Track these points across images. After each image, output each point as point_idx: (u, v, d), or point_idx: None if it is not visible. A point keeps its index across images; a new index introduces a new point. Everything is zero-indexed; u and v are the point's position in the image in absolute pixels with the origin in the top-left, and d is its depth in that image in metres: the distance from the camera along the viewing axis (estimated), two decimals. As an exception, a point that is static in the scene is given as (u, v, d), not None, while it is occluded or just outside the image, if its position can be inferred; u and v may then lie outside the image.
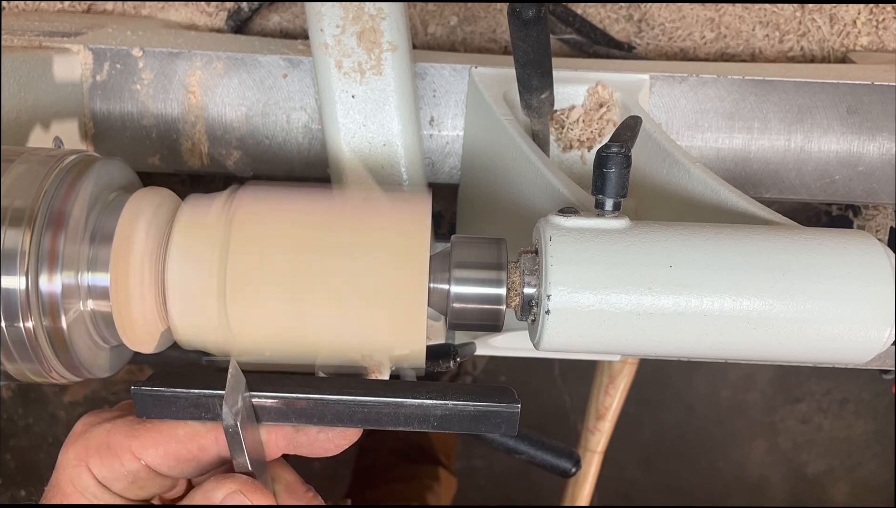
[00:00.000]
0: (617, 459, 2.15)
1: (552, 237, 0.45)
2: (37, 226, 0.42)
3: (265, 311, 0.45)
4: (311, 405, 0.47)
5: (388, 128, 0.66)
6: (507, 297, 0.46)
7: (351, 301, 0.44)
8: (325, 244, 0.45)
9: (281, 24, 0.95)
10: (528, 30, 0.55)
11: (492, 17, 0.94)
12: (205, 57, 0.75)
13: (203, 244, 0.45)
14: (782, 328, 0.44)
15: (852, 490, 2.19)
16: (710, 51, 0.95)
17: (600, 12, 0.95)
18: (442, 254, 0.47)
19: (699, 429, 2.08)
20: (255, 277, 0.44)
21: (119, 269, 0.44)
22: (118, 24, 0.83)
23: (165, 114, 0.76)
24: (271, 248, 0.45)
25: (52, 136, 0.68)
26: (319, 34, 0.63)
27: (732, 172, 0.78)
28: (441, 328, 0.71)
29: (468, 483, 2.13)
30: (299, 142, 0.77)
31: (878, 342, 0.45)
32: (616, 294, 0.44)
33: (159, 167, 0.78)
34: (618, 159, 0.46)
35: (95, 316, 0.46)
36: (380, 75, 0.64)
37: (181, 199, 0.49)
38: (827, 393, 2.13)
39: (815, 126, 0.77)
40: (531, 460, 0.81)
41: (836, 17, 0.93)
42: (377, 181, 0.67)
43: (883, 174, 0.77)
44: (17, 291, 0.42)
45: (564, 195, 0.55)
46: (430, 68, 0.76)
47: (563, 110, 0.73)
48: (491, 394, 0.47)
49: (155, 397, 0.47)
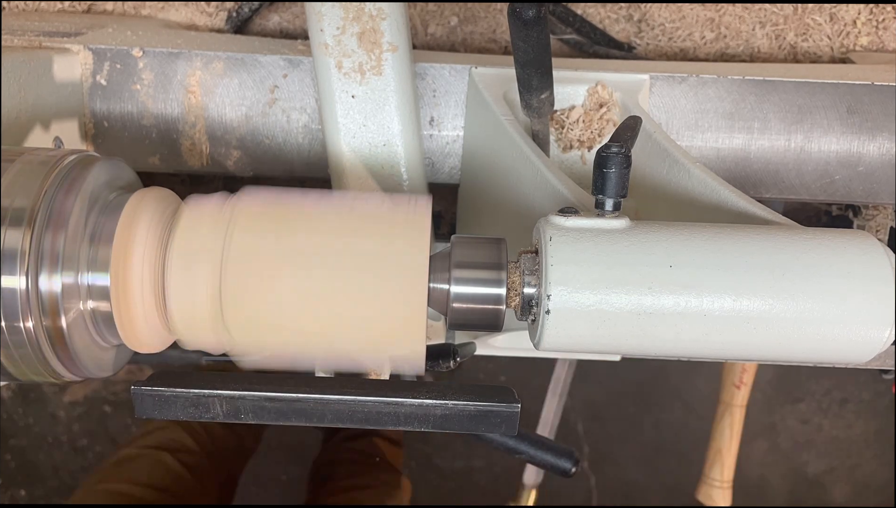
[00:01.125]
0: (617, 459, 2.15)
1: (552, 237, 0.45)
2: (37, 226, 0.42)
3: (264, 311, 0.45)
4: (312, 405, 0.47)
5: (388, 128, 0.66)
6: (507, 297, 0.46)
7: (351, 301, 0.44)
8: (324, 244, 0.45)
9: (281, 24, 0.95)
10: (528, 30, 0.55)
11: (492, 17, 0.94)
12: (205, 57, 0.75)
13: (203, 245, 0.45)
14: (782, 328, 0.44)
15: (852, 490, 2.19)
16: (710, 51, 0.95)
17: (600, 12, 0.95)
18: (442, 254, 0.47)
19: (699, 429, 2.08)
20: (255, 277, 0.44)
21: (119, 269, 0.44)
22: (118, 24, 0.83)
23: (165, 114, 0.76)
24: (271, 249, 0.45)
25: (52, 136, 0.68)
26: (319, 34, 0.63)
27: (732, 172, 0.78)
28: (441, 328, 0.71)
29: (468, 483, 2.13)
30: (299, 143, 0.77)
31: (878, 342, 0.45)
32: (616, 294, 0.44)
33: (159, 167, 0.78)
34: (618, 159, 0.46)
35: (95, 316, 0.46)
36: (380, 75, 0.64)
37: (181, 199, 0.49)
38: (827, 393, 2.13)
39: (815, 126, 0.77)
40: (531, 460, 0.80)
41: (836, 16, 0.93)
42: (377, 181, 0.67)
43: (883, 174, 0.77)
44: (17, 291, 0.42)
45: (564, 195, 0.55)
46: (430, 68, 0.76)
47: (563, 110, 0.73)
48: (491, 394, 0.47)
49: (155, 397, 0.47)
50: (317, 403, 0.47)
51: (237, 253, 0.44)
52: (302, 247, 0.45)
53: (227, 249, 0.45)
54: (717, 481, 1.43)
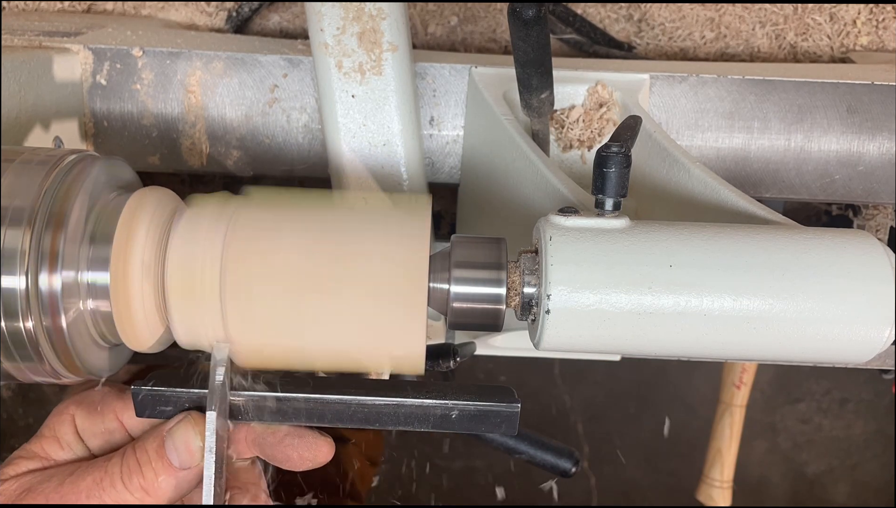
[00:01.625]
0: (617, 459, 2.15)
1: (552, 237, 0.45)
2: (37, 226, 0.42)
3: (264, 311, 0.45)
4: (311, 405, 0.47)
5: (388, 128, 0.66)
6: (507, 297, 0.46)
7: (351, 301, 0.44)
8: (324, 244, 0.45)
9: (281, 24, 0.95)
10: (528, 30, 0.55)
11: (492, 17, 0.94)
12: (205, 57, 0.75)
13: (204, 245, 0.45)
14: (782, 328, 0.44)
15: (852, 490, 2.19)
16: (710, 51, 0.95)
17: (600, 12, 0.95)
18: (442, 253, 0.47)
19: (699, 429, 2.08)
20: (255, 278, 0.44)
21: (119, 269, 0.44)
22: (118, 24, 0.83)
23: (165, 114, 0.76)
24: (271, 249, 0.45)
25: (52, 136, 0.68)
26: (319, 34, 0.63)
27: (732, 172, 0.78)
28: (441, 328, 0.72)
29: (468, 483, 2.13)
30: (299, 143, 0.77)
31: (878, 342, 0.45)
32: (616, 293, 0.44)
33: (159, 167, 0.78)
34: (618, 159, 0.46)
35: (95, 316, 0.46)
36: (380, 75, 0.64)
37: (181, 199, 0.49)
38: (827, 393, 2.13)
39: (815, 126, 0.77)
40: (531, 460, 0.81)
41: (835, 16, 0.93)
42: (377, 181, 0.67)
43: (883, 174, 0.77)
44: (17, 291, 0.42)
45: (564, 195, 0.55)
46: (430, 68, 0.76)
47: (563, 110, 0.73)
48: (491, 394, 0.47)
49: (154, 396, 0.47)
50: (317, 403, 0.47)
51: (237, 252, 0.44)
52: (302, 247, 0.45)
53: (227, 249, 0.45)
54: (717, 481, 1.44)
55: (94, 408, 0.49)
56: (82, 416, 0.49)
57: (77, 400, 0.49)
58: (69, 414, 0.49)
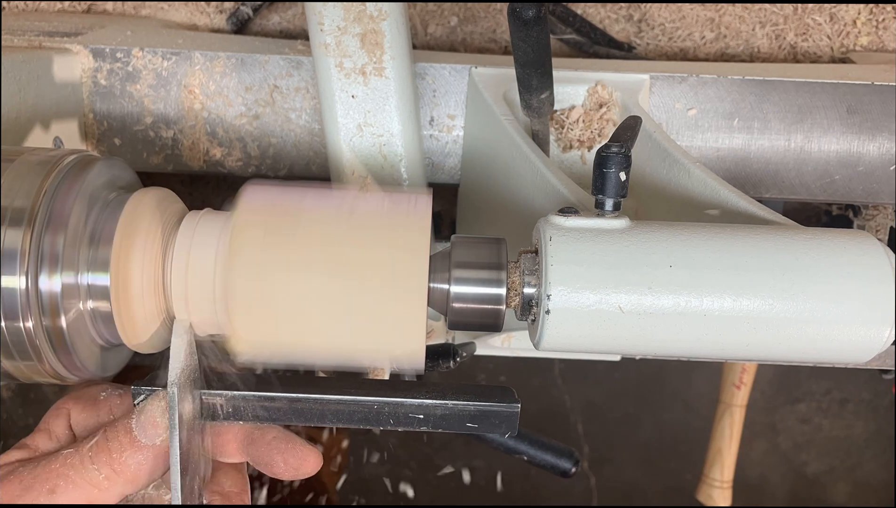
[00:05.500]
0: (617, 459, 2.15)
1: (552, 237, 0.45)
2: (37, 226, 0.42)
3: (264, 311, 0.45)
4: (311, 405, 0.47)
5: (388, 128, 0.66)
6: (507, 297, 0.46)
7: (351, 300, 0.44)
8: (325, 245, 0.45)
9: (281, 24, 0.95)
10: (528, 30, 0.55)
11: (492, 17, 0.94)
12: (205, 57, 0.75)
13: (204, 245, 0.45)
14: (782, 328, 0.44)
15: (852, 490, 2.19)
16: (710, 51, 0.95)
17: (600, 12, 0.95)
18: (442, 253, 0.47)
19: (699, 429, 2.08)
20: (255, 278, 0.44)
21: (119, 269, 0.44)
22: (118, 24, 0.83)
23: (165, 114, 0.76)
24: (272, 249, 0.45)
25: (52, 136, 0.68)
26: (319, 34, 0.63)
27: (732, 172, 0.78)
28: (441, 328, 0.72)
29: (468, 483, 2.13)
30: (299, 143, 0.77)
31: (878, 342, 0.45)
32: (616, 294, 0.44)
33: (159, 167, 0.78)
34: (618, 159, 0.46)
35: (95, 316, 0.46)
36: (380, 76, 0.64)
37: (181, 199, 0.49)
38: (827, 393, 2.13)
39: (815, 126, 0.77)
40: (531, 460, 0.80)
41: (835, 16, 0.93)
42: (377, 181, 0.67)
43: (883, 174, 0.77)
44: (17, 291, 0.42)
45: (564, 195, 0.55)
46: (430, 68, 0.76)
47: (563, 110, 0.73)
48: (491, 394, 0.47)
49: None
50: (317, 403, 0.47)
51: (237, 253, 0.44)
52: (302, 247, 0.45)
53: (227, 250, 0.44)
54: (717, 481, 1.44)
55: (92, 403, 0.49)
56: (78, 410, 0.49)
57: (75, 396, 0.50)
58: (66, 409, 0.49)
